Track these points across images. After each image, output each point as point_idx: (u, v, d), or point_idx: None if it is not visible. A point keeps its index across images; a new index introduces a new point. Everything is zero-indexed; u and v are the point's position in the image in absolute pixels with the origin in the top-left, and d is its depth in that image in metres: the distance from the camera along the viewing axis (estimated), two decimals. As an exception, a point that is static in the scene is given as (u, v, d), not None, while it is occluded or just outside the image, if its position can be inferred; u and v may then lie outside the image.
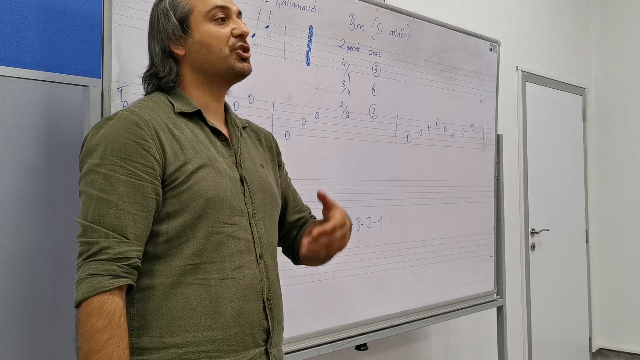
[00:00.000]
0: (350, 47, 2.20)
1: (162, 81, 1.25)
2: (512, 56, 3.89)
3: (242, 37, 1.26)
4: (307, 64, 2.04)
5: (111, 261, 1.07)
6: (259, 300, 1.22)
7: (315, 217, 1.53)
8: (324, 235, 1.22)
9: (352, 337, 2.16)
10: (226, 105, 1.34)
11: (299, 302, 1.99)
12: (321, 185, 2.06)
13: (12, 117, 1.61)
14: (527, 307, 3.96)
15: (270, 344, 1.24)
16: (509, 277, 3.51)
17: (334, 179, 2.13)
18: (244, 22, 1.30)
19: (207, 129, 1.25)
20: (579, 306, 4.57)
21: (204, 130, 1.24)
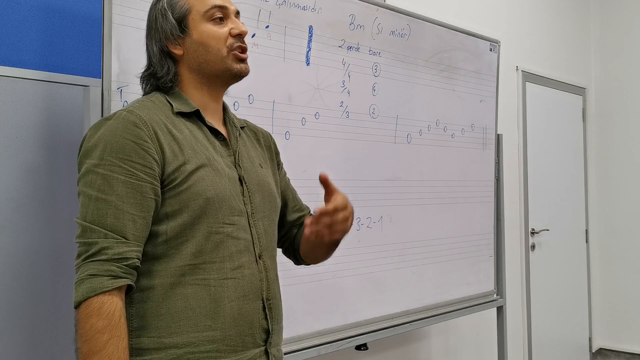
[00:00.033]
0: (350, 47, 2.20)
1: (160, 81, 1.25)
2: (512, 56, 3.89)
3: (240, 37, 1.26)
4: (307, 64, 2.04)
5: (110, 262, 1.07)
6: (259, 300, 1.22)
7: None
8: (325, 215, 1.21)
9: (352, 337, 2.16)
10: (224, 105, 1.34)
11: (299, 302, 1.99)
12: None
13: (12, 117, 1.61)
14: (527, 307, 3.95)
15: (269, 344, 1.24)
16: (509, 277, 3.51)
17: (334, 179, 2.07)
18: (242, 22, 1.30)
19: (206, 129, 1.25)
20: (579, 306, 4.56)
21: (202, 130, 1.24)
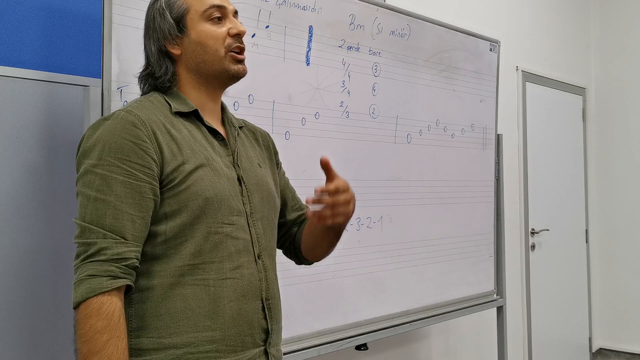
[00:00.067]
0: (350, 47, 2.20)
1: (158, 81, 1.25)
2: (512, 56, 3.89)
3: (238, 37, 1.26)
4: (307, 64, 2.04)
5: (109, 262, 1.07)
6: (258, 300, 1.22)
7: None
8: (327, 193, 1.22)
9: (352, 337, 2.16)
10: (223, 105, 1.34)
11: (299, 302, 1.99)
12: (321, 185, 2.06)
13: (12, 117, 1.61)
14: (527, 307, 3.95)
15: (269, 344, 1.24)
16: (509, 277, 3.51)
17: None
18: (241, 22, 1.30)
19: (204, 129, 1.25)
20: (579, 306, 4.56)
21: (201, 130, 1.24)
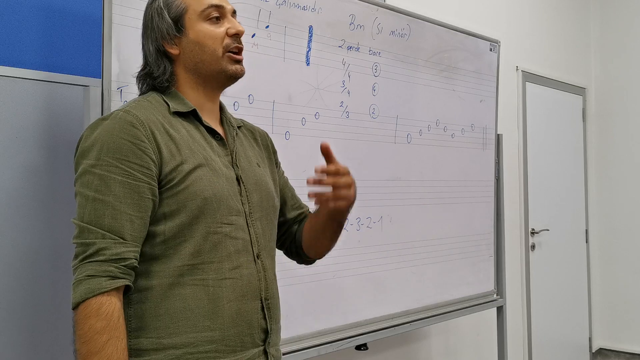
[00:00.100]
0: (350, 47, 2.20)
1: (156, 81, 1.25)
2: (512, 56, 3.89)
3: (237, 37, 1.26)
4: (307, 64, 2.04)
5: (108, 262, 1.07)
6: (257, 300, 1.22)
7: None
8: (327, 174, 1.22)
9: (352, 337, 2.16)
10: (221, 104, 1.34)
11: (299, 302, 1.99)
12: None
13: (12, 117, 1.61)
14: (527, 307, 3.95)
15: (268, 344, 1.24)
16: (509, 277, 3.51)
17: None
18: (240, 22, 1.30)
19: (203, 129, 1.25)
20: (579, 306, 4.56)
21: (199, 129, 1.24)
